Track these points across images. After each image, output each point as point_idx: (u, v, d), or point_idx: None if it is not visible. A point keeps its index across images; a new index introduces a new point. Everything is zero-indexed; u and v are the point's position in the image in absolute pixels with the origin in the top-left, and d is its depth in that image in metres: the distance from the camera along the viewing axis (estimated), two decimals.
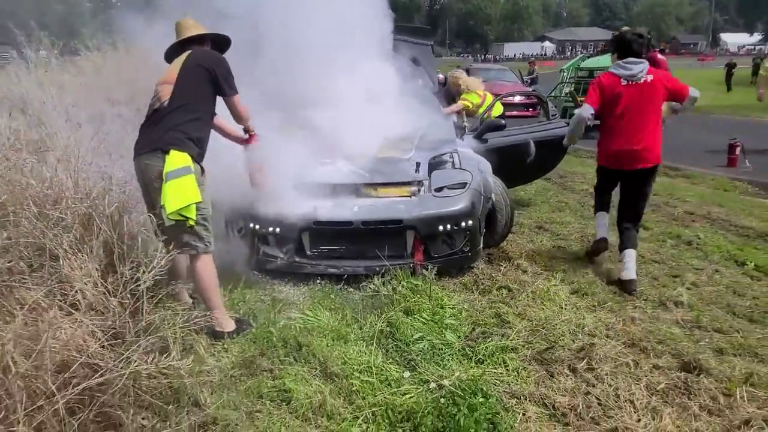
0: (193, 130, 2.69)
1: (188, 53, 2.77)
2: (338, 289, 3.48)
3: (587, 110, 3.55)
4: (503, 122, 4.90)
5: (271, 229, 3.48)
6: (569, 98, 11.48)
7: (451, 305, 3.19)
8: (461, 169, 3.85)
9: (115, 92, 4.83)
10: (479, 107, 5.60)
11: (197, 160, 2.71)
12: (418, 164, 3.83)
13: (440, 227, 3.46)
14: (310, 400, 2.25)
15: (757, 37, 74.84)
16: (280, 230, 3.47)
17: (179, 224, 2.57)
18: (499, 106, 5.47)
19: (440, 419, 2.12)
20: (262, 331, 2.85)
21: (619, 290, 3.47)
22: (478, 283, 3.58)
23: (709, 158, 8.43)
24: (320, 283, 3.54)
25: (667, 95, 3.48)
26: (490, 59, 62.30)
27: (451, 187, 3.63)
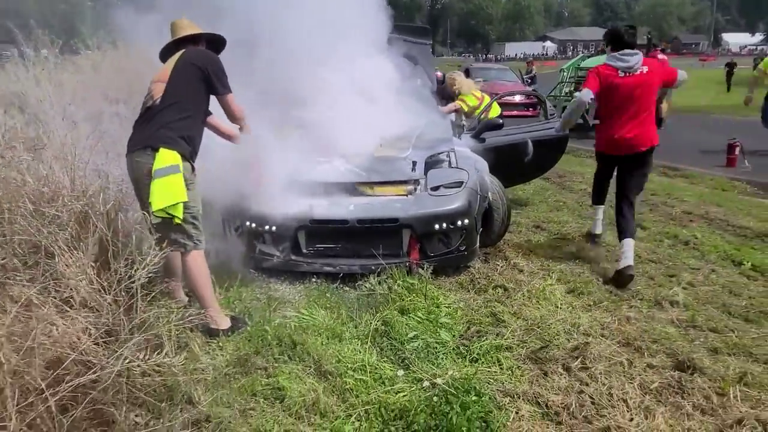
0: (184, 128, 2.69)
1: (182, 52, 2.78)
2: (334, 287, 3.48)
3: (587, 95, 3.60)
4: (501, 121, 4.91)
5: (267, 227, 3.48)
6: (569, 98, 11.48)
7: (446, 304, 3.20)
8: (458, 168, 3.85)
9: (113, 90, 4.83)
10: (476, 109, 5.61)
11: (188, 158, 2.71)
12: (414, 163, 3.83)
13: (436, 226, 3.46)
14: (303, 398, 2.25)
15: (759, 37, 74.71)
16: (276, 228, 3.47)
17: (166, 222, 2.58)
18: (496, 107, 5.48)
19: (433, 417, 2.12)
20: (257, 329, 2.85)
21: (614, 288, 3.47)
22: (474, 282, 3.58)
23: (708, 158, 8.43)
24: (316, 281, 3.55)
25: (660, 83, 3.67)
26: (491, 59, 62.22)
27: (447, 185, 3.63)
